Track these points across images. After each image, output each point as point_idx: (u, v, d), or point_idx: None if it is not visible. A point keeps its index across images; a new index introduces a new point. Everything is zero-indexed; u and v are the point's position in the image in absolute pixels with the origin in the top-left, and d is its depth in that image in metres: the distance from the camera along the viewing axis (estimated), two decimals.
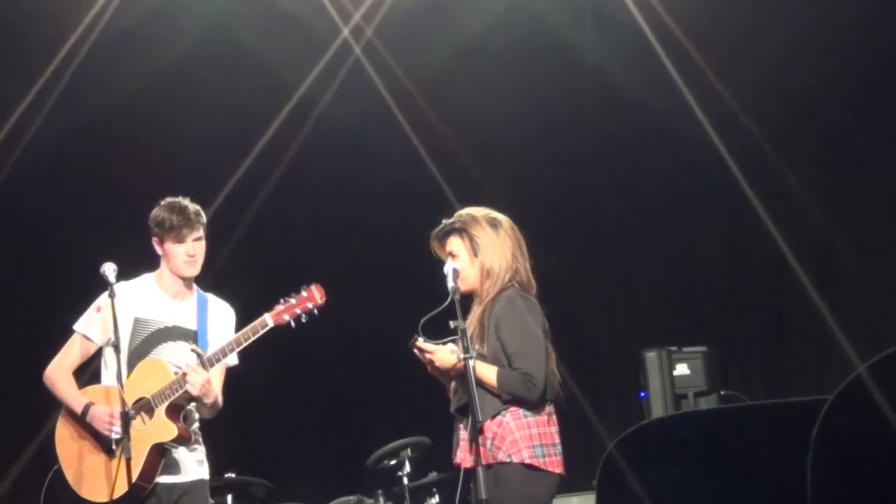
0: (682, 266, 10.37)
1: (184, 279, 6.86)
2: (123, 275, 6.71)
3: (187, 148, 10.14)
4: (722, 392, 9.22)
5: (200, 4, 9.92)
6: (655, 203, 10.44)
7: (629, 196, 10.56)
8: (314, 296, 6.77)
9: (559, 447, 6.40)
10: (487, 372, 6.31)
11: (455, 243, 6.51)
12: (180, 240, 6.78)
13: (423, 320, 6.27)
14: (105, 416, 6.67)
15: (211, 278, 7.01)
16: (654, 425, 7.44)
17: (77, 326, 6.96)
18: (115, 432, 6.65)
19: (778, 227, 9.58)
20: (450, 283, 6.29)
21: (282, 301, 6.77)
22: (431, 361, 6.43)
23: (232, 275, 7.05)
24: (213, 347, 6.81)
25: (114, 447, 6.67)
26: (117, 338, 6.55)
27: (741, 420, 6.02)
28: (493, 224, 6.54)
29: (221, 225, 8.24)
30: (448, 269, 6.35)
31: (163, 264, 6.92)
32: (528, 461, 6.28)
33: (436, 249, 6.59)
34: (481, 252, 6.49)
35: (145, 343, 6.82)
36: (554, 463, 6.32)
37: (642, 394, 9.21)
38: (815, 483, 4.69)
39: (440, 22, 10.08)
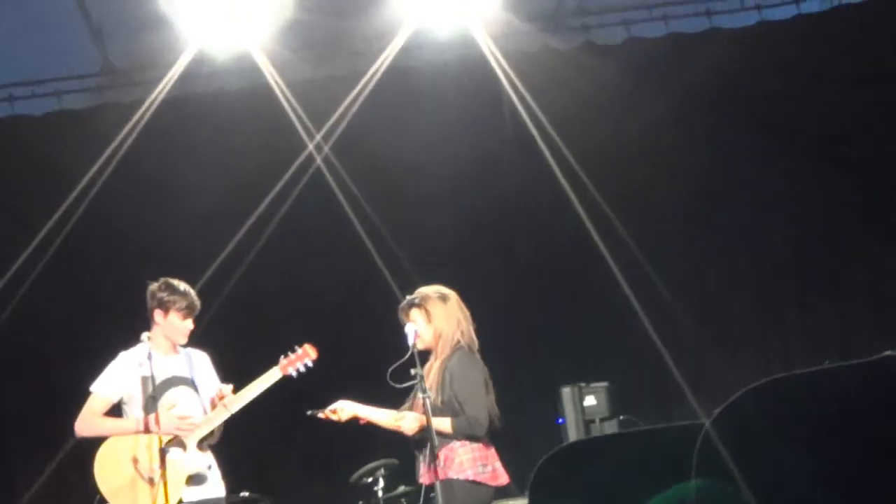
0: (585, 322, 10.77)
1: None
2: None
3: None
4: (621, 417, 9.33)
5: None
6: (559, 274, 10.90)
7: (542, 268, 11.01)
8: (308, 352, 7.12)
9: (497, 464, 6.83)
10: (442, 423, 6.73)
11: (415, 314, 6.97)
12: (186, 317, 7.09)
13: (391, 369, 6.62)
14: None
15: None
16: (577, 444, 7.51)
17: (94, 388, 7.11)
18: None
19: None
20: (410, 341, 6.73)
21: (283, 357, 7.07)
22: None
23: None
24: (204, 387, 7.08)
25: (154, 478, 6.67)
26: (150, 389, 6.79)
27: (637, 440, 5.93)
28: (443, 298, 6.98)
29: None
30: (409, 330, 6.81)
31: (158, 330, 7.10)
32: (471, 478, 6.70)
33: (402, 317, 7.03)
34: (434, 320, 6.92)
35: (157, 390, 6.92)
36: (492, 477, 6.77)
37: (560, 420, 9.38)
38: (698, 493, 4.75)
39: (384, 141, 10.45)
